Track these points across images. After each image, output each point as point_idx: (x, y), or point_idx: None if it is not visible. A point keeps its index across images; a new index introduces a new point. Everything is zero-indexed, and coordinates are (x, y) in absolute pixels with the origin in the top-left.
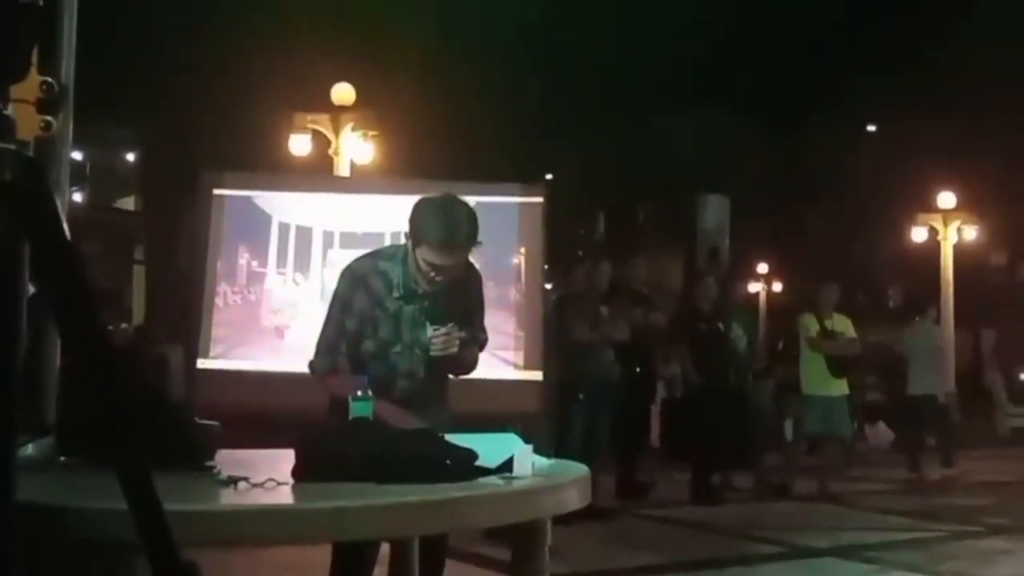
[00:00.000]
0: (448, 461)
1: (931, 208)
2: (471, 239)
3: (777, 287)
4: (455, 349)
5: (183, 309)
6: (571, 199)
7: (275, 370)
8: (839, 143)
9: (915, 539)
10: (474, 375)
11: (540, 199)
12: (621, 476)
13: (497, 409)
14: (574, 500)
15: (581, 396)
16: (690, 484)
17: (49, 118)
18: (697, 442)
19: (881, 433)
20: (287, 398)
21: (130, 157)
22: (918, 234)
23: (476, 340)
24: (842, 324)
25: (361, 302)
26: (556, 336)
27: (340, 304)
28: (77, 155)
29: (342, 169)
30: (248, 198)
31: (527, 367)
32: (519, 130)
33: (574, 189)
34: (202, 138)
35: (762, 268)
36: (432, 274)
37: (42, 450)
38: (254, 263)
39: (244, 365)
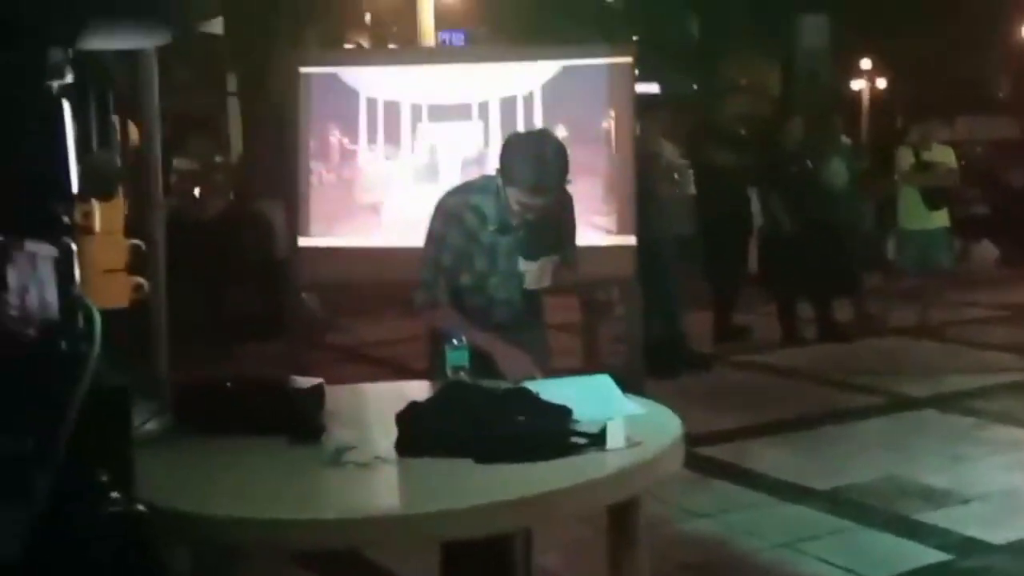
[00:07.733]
0: (543, 437)
1: None
2: (562, 178)
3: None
4: (548, 283)
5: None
6: None
7: (375, 246)
8: None
9: (1014, 383)
10: None
11: (629, 59)
12: (718, 319)
13: (592, 275)
14: (669, 468)
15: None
16: (781, 320)
17: None
18: (793, 280)
19: (986, 251)
20: (387, 272)
21: None
22: None
23: (569, 262)
24: (942, 155)
25: (455, 238)
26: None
27: (435, 241)
28: None
29: (426, 6)
30: (334, 75)
31: (620, 232)
32: None
33: None
34: None
35: (865, 64)
36: (524, 212)
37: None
38: (345, 140)
39: (344, 242)
